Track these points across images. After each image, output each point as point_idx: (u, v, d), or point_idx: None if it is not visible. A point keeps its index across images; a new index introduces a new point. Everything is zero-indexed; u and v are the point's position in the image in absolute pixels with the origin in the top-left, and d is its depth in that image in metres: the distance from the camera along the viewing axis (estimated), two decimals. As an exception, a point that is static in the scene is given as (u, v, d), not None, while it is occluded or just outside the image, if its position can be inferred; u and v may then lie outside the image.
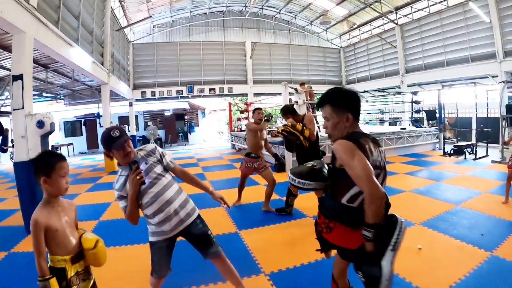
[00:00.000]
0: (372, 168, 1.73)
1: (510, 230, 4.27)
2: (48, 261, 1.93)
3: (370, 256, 1.71)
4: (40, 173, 1.94)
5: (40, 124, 5.25)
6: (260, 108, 5.96)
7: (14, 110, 5.37)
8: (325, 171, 2.16)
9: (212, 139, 27.26)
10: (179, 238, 2.62)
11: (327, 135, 2.09)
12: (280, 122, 22.97)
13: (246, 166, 5.81)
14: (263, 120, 5.86)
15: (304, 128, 4.71)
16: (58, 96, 18.29)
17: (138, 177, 2.35)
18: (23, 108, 5.32)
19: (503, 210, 5.11)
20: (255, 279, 3.29)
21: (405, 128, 12.98)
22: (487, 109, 12.85)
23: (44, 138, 5.46)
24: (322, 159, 4.79)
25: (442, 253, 3.67)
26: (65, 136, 21.30)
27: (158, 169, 2.57)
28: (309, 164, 2.21)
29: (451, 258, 3.57)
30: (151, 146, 2.63)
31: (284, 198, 5.51)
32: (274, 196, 6.39)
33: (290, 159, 9.22)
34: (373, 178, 1.68)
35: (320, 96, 2.08)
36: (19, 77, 5.36)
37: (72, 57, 8.31)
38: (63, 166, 1.99)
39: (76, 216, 2.16)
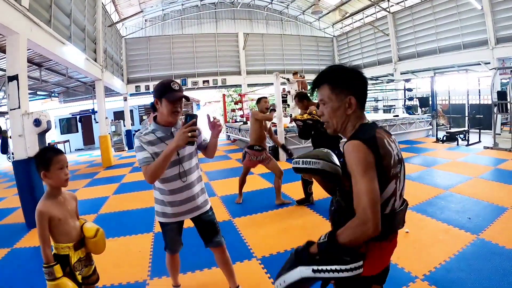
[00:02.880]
0: (379, 194, 1.34)
1: (497, 213, 4.40)
2: (53, 249, 2.09)
3: (301, 254, 1.39)
4: (40, 168, 2.09)
5: (37, 122, 5.34)
6: (265, 97, 5.63)
7: (10, 110, 5.47)
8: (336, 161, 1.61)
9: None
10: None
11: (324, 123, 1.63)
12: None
13: (250, 160, 5.36)
14: (269, 110, 5.39)
15: None
16: (53, 94, 18.28)
17: (190, 134, 2.05)
18: (19, 107, 5.41)
19: (492, 194, 5.23)
20: (247, 263, 3.44)
21: (398, 116, 13.11)
22: (479, 95, 12.97)
23: (42, 136, 5.54)
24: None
25: (429, 236, 3.81)
26: (61, 133, 21.29)
27: (193, 147, 2.50)
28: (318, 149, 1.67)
29: (437, 241, 3.70)
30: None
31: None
32: (266, 185, 6.55)
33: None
34: (377, 208, 1.30)
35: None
36: (15, 78, 5.44)
37: (65, 55, 8.36)
38: (60, 159, 2.11)
39: (77, 206, 2.31)
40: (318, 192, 5.50)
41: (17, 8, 5.72)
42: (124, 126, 18.49)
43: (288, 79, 10.28)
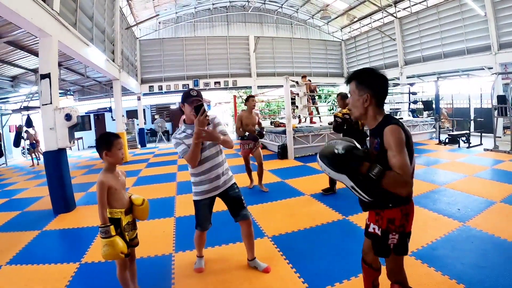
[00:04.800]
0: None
1: (485, 206, 4.75)
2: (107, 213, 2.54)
3: (352, 168, 1.78)
4: (103, 148, 2.58)
5: (68, 117, 5.87)
6: (253, 96, 6.40)
7: (43, 105, 6.00)
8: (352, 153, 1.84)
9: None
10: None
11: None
12: (283, 113, 23.43)
13: (244, 149, 6.27)
14: (256, 133, 6.24)
15: None
16: (68, 92, 18.81)
17: (203, 118, 2.64)
18: (51, 103, 5.95)
19: (483, 190, 5.57)
20: (259, 241, 3.91)
21: (402, 118, 13.42)
22: (481, 99, 13.24)
23: (71, 129, 6.08)
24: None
25: (419, 222, 4.16)
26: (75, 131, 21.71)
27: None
28: (334, 145, 1.89)
29: (427, 226, 4.11)
30: (213, 114, 3.09)
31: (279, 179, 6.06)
32: (276, 179, 7.00)
33: (292, 147, 9.89)
34: (410, 172, 1.79)
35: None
36: (47, 76, 5.98)
37: (89, 56, 8.93)
38: (119, 142, 2.62)
39: (125, 180, 2.81)
40: (327, 184, 6.01)
41: (50, 12, 6.25)
42: (138, 124, 19.04)
43: (297, 82, 10.74)
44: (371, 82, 1.96)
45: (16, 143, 14.92)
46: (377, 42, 20.69)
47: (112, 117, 14.82)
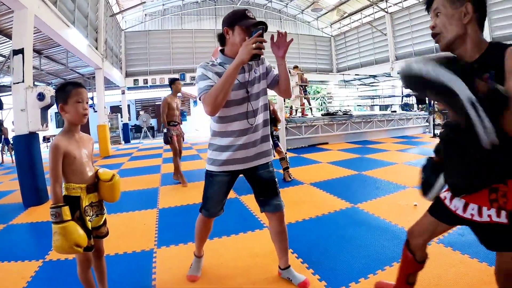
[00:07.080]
0: None
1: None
2: (63, 191, 1.89)
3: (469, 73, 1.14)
4: (59, 101, 1.95)
5: (41, 96, 5.27)
6: (178, 79, 6.22)
7: (14, 84, 5.40)
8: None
9: (204, 128, 27.22)
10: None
11: (432, 36, 1.44)
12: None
13: (171, 135, 6.00)
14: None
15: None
16: (50, 86, 18.15)
17: (254, 45, 1.80)
18: (23, 81, 5.37)
19: None
20: (259, 232, 3.42)
21: (395, 111, 13.26)
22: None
23: (44, 110, 5.48)
24: None
25: None
26: (57, 127, 21.14)
27: (263, 84, 2.15)
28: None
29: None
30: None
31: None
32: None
33: (284, 138, 9.45)
34: None
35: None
36: (20, 51, 5.40)
37: (69, 38, 8.37)
38: (79, 92, 1.96)
39: (93, 150, 2.17)
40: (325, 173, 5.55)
41: (26, -18, 5.71)
42: (122, 120, 18.44)
43: (289, 71, 10.38)
44: None
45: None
46: (367, 37, 20.55)
47: (94, 109, 14.07)
